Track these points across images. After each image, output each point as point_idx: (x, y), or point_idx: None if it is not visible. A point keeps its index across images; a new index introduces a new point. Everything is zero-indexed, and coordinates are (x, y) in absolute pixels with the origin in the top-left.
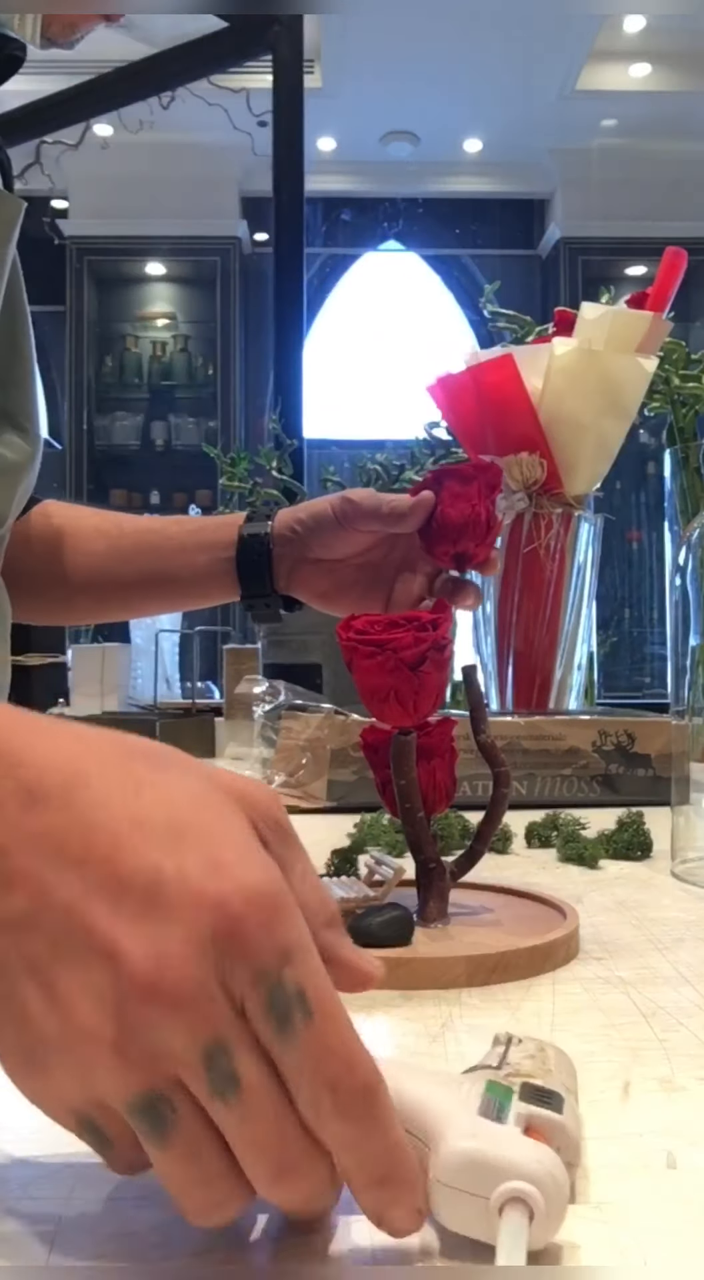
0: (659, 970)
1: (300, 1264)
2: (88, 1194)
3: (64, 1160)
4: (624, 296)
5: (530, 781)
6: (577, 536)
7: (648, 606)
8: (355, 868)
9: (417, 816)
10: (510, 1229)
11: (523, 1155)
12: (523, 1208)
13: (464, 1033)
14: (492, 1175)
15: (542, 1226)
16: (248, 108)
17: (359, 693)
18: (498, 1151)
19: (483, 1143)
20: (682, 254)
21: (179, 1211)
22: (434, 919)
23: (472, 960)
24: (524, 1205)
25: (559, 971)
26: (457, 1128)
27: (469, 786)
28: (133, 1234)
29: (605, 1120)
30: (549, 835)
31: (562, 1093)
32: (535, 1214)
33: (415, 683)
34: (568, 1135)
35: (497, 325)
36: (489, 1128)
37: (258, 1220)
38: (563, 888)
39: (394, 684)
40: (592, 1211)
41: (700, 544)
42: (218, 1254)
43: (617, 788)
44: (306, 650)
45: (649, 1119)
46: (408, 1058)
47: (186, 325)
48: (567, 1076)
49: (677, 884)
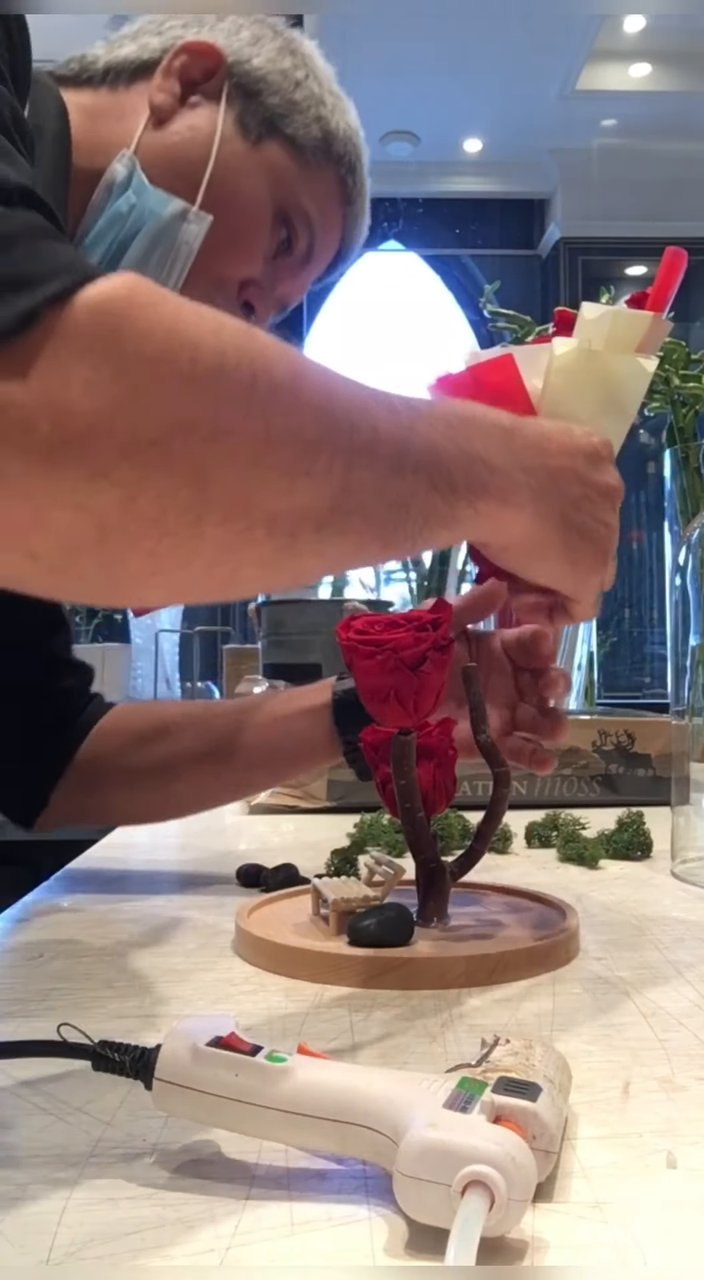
0: (659, 970)
1: (300, 1264)
2: (88, 1194)
3: (64, 1160)
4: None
5: (530, 781)
6: None
7: (648, 606)
8: (355, 868)
9: (416, 816)
10: (466, 1212)
11: (482, 1140)
12: (484, 1191)
13: (464, 1033)
14: (451, 1162)
15: (504, 1210)
16: None
17: (359, 693)
18: (456, 1138)
19: (442, 1131)
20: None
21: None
22: (434, 919)
23: (472, 960)
24: (485, 1189)
25: (559, 971)
26: (419, 1120)
27: (469, 786)
28: (133, 1234)
29: (605, 1120)
30: (549, 835)
31: (541, 1084)
32: (497, 1197)
33: (416, 683)
34: (542, 1122)
35: (497, 325)
36: (451, 1117)
37: (258, 1219)
38: (563, 888)
39: (394, 684)
40: (592, 1211)
41: (700, 544)
42: (218, 1254)
43: (617, 788)
44: (306, 650)
45: (649, 1119)
46: (407, 1058)
47: None
48: (554, 1071)
49: (677, 884)
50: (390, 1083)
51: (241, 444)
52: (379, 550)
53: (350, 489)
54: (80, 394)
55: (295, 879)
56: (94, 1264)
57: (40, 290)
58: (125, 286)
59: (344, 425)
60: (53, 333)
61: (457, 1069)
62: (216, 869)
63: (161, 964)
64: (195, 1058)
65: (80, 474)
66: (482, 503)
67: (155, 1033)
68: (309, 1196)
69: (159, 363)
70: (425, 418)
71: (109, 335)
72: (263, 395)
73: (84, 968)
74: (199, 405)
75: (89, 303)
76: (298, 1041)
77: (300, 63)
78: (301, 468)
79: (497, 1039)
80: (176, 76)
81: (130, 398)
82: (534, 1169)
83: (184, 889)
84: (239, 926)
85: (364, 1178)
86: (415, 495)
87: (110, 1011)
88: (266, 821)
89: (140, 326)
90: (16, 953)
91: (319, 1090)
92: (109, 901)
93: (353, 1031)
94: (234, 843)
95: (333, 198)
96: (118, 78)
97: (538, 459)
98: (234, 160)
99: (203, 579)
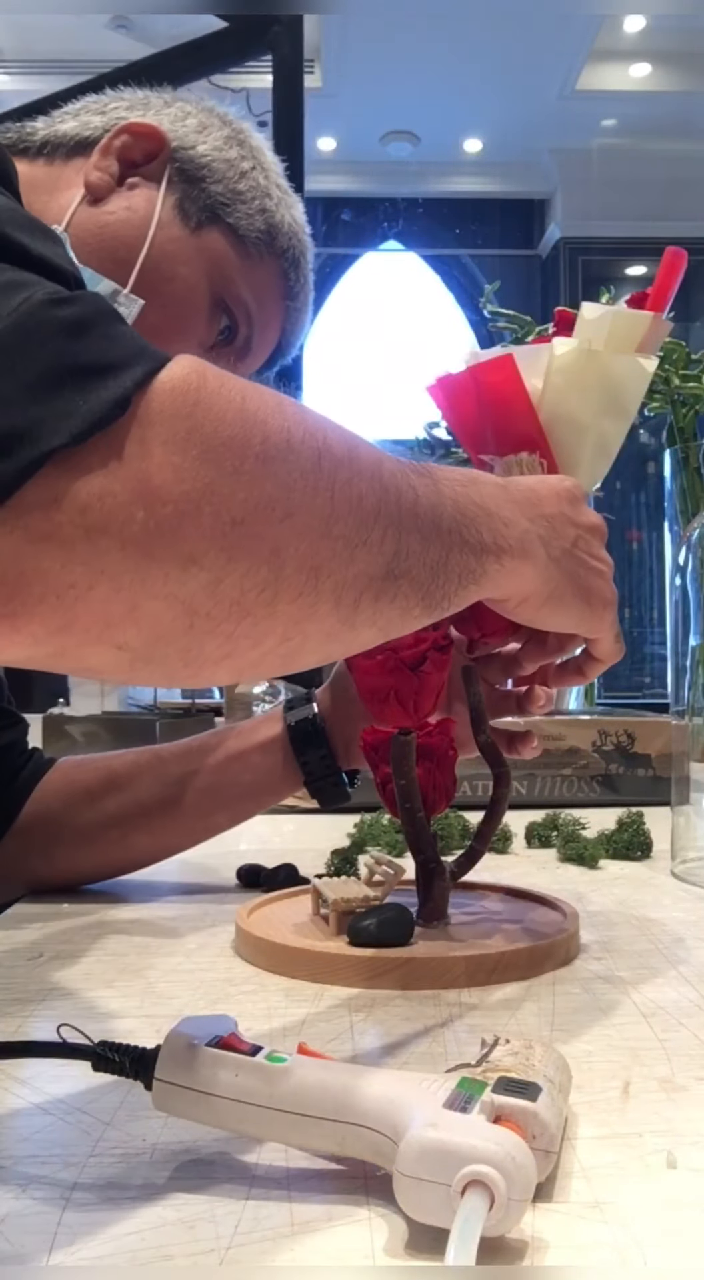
0: (659, 970)
1: (300, 1264)
2: (87, 1194)
3: (64, 1160)
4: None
5: (530, 781)
6: None
7: (648, 606)
8: (355, 868)
9: (416, 816)
10: (466, 1211)
11: (482, 1139)
12: (484, 1190)
13: (464, 1032)
14: (451, 1161)
15: (505, 1209)
16: (248, 108)
17: (359, 692)
18: (456, 1138)
19: (442, 1131)
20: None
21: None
22: (434, 919)
23: (471, 960)
24: (485, 1189)
25: (559, 971)
26: (419, 1120)
27: (469, 786)
28: (133, 1234)
29: (605, 1120)
30: (549, 835)
31: (541, 1084)
32: (497, 1197)
33: (416, 683)
34: (542, 1122)
35: (497, 325)
36: (451, 1117)
37: (258, 1219)
38: (563, 888)
39: (394, 684)
40: (592, 1211)
41: (700, 544)
42: (218, 1254)
43: (617, 788)
44: None
45: (649, 1119)
46: (408, 1058)
47: None
48: (554, 1071)
49: (677, 884)
50: (390, 1083)
51: (312, 519)
52: (421, 613)
53: (400, 554)
54: (170, 480)
55: (295, 879)
56: (94, 1264)
57: (127, 375)
58: (195, 369)
59: (392, 492)
60: (137, 419)
61: (456, 1069)
62: (217, 869)
63: (161, 964)
64: (195, 1058)
65: (173, 561)
66: (506, 557)
67: (155, 1033)
68: (309, 1196)
69: (236, 444)
70: (444, 479)
71: (189, 419)
72: (327, 470)
73: (84, 968)
74: (274, 484)
75: (167, 386)
76: (298, 1041)
77: (248, 154)
78: (361, 537)
79: (497, 1039)
80: (116, 155)
81: (215, 481)
82: (534, 1169)
83: (184, 889)
84: (239, 927)
85: (364, 1178)
86: (450, 555)
87: (110, 1011)
88: (267, 821)
89: (216, 409)
90: (16, 953)
91: (319, 1090)
92: (109, 901)
93: (353, 1031)
94: (234, 843)
95: (274, 291)
96: (55, 151)
97: (535, 510)
98: (171, 245)
99: (270, 656)
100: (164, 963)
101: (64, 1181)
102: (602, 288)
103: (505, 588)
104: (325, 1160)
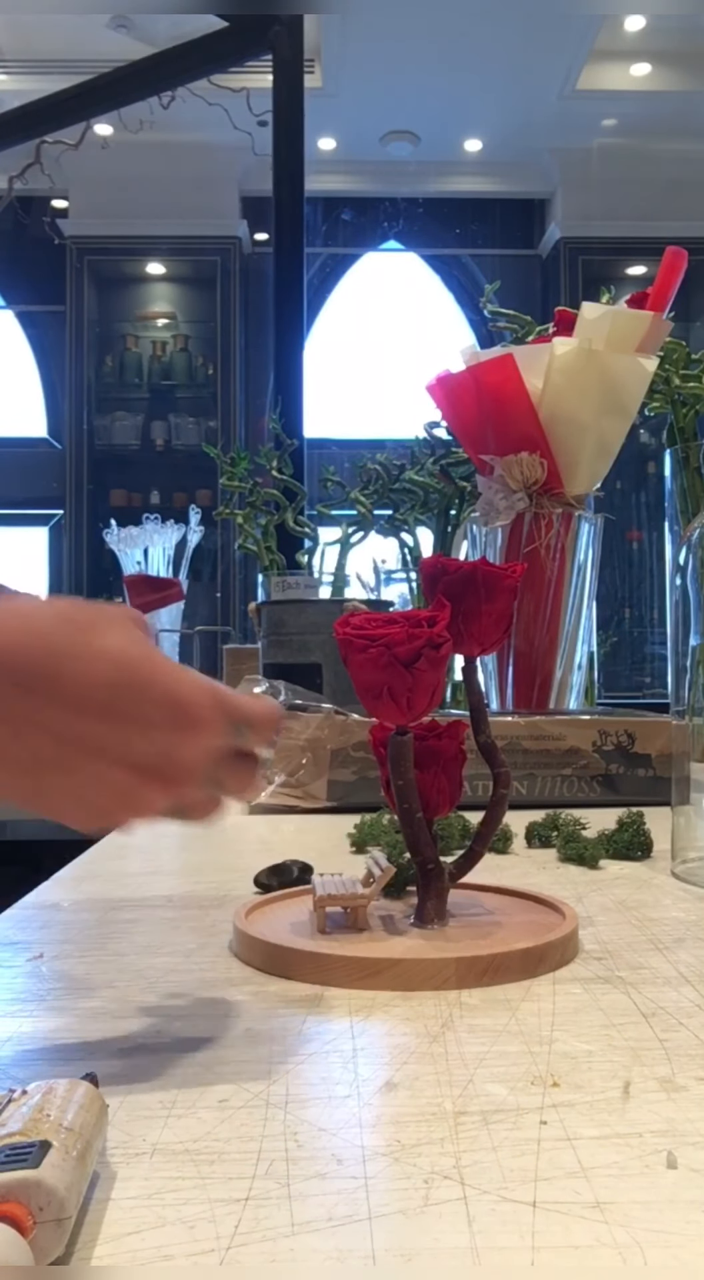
0: (659, 970)
1: (300, 1264)
2: (87, 1194)
3: None
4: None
5: (530, 781)
6: (577, 536)
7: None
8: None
9: (415, 817)
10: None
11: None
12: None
13: (465, 1033)
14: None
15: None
16: (248, 107)
17: (355, 688)
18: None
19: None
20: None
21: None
22: (432, 920)
23: (462, 962)
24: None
25: (559, 971)
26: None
27: (469, 786)
28: (133, 1234)
29: (605, 1120)
30: (549, 835)
31: (52, 1139)
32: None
33: (409, 680)
34: (48, 1190)
35: (497, 325)
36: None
37: (258, 1219)
38: (563, 888)
39: (387, 680)
40: (592, 1211)
41: (700, 544)
42: (218, 1254)
43: (617, 788)
44: (306, 650)
45: (649, 1119)
46: (408, 1058)
47: (187, 325)
48: (74, 1114)
49: (677, 884)
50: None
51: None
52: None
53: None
54: None
55: (295, 879)
56: (94, 1264)
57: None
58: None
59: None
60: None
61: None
62: (216, 869)
63: (161, 964)
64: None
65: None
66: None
67: (155, 1033)
68: (309, 1197)
69: None
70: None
71: None
72: None
73: (84, 968)
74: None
75: None
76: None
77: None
78: None
79: (11, 1093)
80: None
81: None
82: (30, 1257)
83: (184, 889)
84: (236, 928)
85: (364, 1178)
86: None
87: (110, 1012)
88: (267, 821)
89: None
90: (17, 953)
91: None
92: (109, 901)
93: (352, 1032)
94: (234, 843)
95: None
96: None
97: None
98: None
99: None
100: (164, 962)
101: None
102: (602, 288)
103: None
104: (325, 1160)
